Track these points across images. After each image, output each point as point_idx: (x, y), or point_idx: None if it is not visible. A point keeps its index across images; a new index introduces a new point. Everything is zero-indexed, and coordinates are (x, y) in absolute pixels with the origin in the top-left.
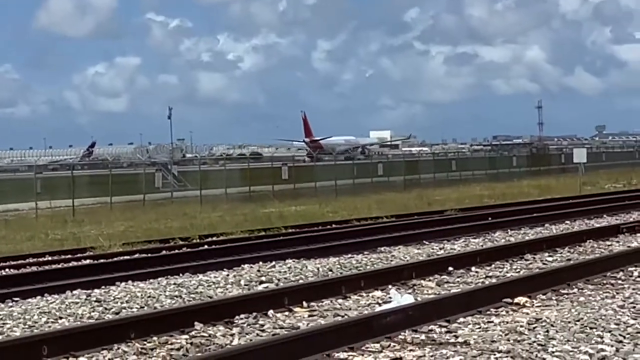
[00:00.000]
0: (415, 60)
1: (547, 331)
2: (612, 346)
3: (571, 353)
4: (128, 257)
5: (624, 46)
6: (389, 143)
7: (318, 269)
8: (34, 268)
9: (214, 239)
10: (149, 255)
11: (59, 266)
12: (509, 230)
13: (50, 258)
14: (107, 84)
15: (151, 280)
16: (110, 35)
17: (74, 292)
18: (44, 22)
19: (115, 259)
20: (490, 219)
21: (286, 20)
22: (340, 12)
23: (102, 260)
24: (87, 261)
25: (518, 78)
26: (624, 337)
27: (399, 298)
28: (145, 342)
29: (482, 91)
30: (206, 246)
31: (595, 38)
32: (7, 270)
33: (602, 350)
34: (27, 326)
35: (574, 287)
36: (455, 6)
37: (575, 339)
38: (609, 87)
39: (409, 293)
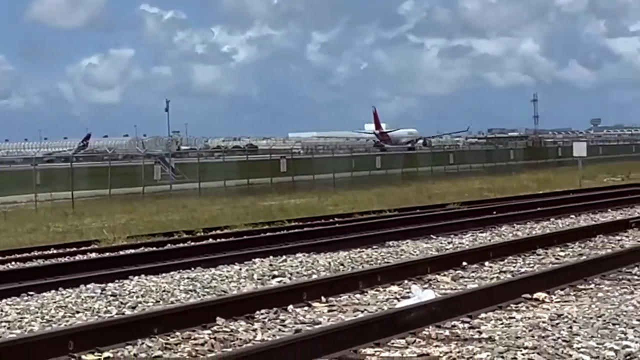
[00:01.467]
0: (410, 53)
1: (571, 327)
2: (637, 342)
3: (596, 349)
4: (134, 251)
5: (619, 39)
6: (443, 135)
7: (329, 263)
8: (40, 261)
9: (218, 232)
10: (156, 248)
11: (67, 259)
12: (515, 225)
13: (55, 251)
14: (101, 76)
15: (164, 275)
16: (104, 27)
17: (88, 286)
18: (37, 13)
19: (122, 252)
20: (495, 212)
21: (280, 12)
22: (335, 5)
23: (108, 254)
24: (94, 254)
25: (512, 71)
26: None
27: (420, 293)
28: (168, 338)
29: (476, 84)
30: (211, 240)
31: (590, 31)
32: (13, 263)
33: (627, 346)
34: (45, 320)
35: (590, 282)
36: None
37: (599, 335)
38: (604, 80)
39: (426, 288)
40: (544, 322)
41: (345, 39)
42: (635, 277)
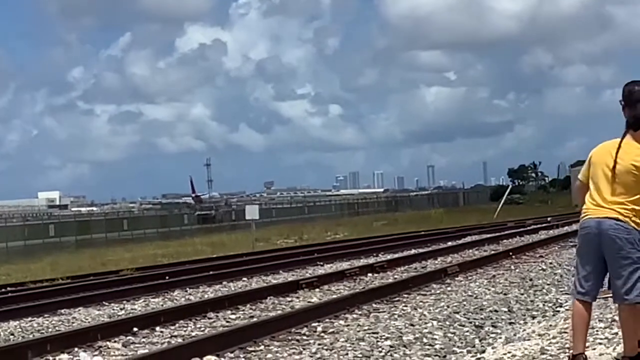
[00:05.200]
0: (80, 119)
1: None
2: None
3: None
4: None
5: (287, 102)
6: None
7: None
8: None
9: None
10: None
11: None
12: (187, 289)
13: None
14: None
15: None
16: None
17: None
18: None
19: None
20: (167, 277)
21: None
22: (1, 72)
23: None
24: None
25: (184, 136)
26: None
27: None
28: None
29: (148, 149)
30: None
31: (258, 95)
32: None
33: None
34: None
35: (260, 344)
36: (117, 65)
37: None
38: (275, 143)
39: (96, 355)
40: None
41: (15, 106)
42: (304, 338)
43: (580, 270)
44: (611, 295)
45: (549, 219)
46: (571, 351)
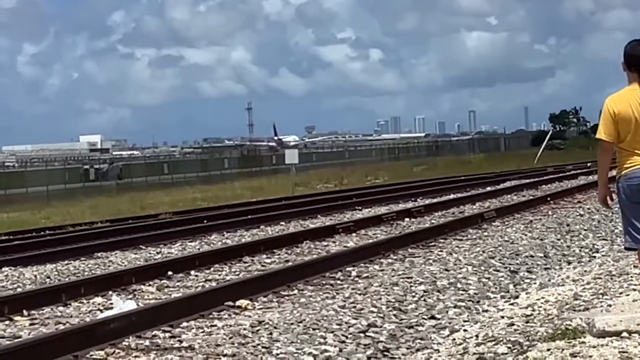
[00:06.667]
0: (120, 63)
1: (271, 333)
2: (335, 346)
3: (295, 354)
4: None
5: (328, 47)
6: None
7: (36, 276)
8: None
9: None
10: None
11: None
12: (225, 233)
13: None
14: None
15: None
16: None
17: None
18: None
19: None
20: (205, 221)
21: None
22: (43, 16)
23: None
24: None
25: (224, 80)
26: (347, 337)
27: (121, 304)
28: None
29: (189, 93)
30: None
31: (299, 39)
32: None
33: (326, 350)
34: None
35: (294, 288)
36: (157, 9)
37: (299, 341)
38: (316, 88)
39: (130, 299)
40: (245, 329)
41: (56, 50)
42: (338, 282)
43: (636, 221)
44: None
45: (588, 164)
46: None
